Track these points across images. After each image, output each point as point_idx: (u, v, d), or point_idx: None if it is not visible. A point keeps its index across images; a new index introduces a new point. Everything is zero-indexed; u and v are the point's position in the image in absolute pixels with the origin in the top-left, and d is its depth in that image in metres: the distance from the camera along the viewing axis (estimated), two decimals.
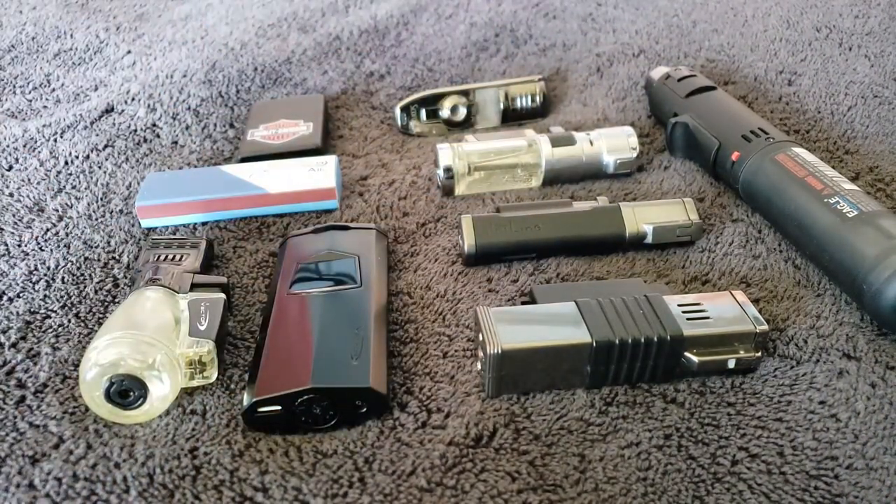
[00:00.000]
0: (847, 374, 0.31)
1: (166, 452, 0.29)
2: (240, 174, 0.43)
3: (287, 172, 0.43)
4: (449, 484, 0.28)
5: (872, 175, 0.42)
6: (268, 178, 0.42)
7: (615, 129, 0.44)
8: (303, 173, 0.42)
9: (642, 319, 0.31)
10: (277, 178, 0.42)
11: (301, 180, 0.42)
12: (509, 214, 0.39)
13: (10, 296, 0.37)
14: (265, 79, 0.55)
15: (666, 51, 0.55)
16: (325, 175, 0.42)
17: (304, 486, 0.28)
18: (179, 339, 0.31)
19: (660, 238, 0.38)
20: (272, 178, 0.42)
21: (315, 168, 0.43)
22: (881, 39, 0.53)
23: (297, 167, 0.43)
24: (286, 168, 0.43)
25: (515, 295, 0.36)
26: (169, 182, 0.43)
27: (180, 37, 0.61)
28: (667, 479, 0.28)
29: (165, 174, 0.44)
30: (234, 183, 0.42)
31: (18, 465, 0.29)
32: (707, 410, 0.30)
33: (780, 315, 0.34)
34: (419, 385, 0.32)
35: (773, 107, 0.48)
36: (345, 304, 0.34)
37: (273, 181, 0.42)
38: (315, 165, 0.43)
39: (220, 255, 0.40)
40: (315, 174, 0.42)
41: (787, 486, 0.27)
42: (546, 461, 0.29)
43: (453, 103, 0.49)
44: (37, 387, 0.33)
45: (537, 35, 0.59)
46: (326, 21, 0.62)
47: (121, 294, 0.37)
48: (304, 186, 0.42)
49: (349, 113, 0.52)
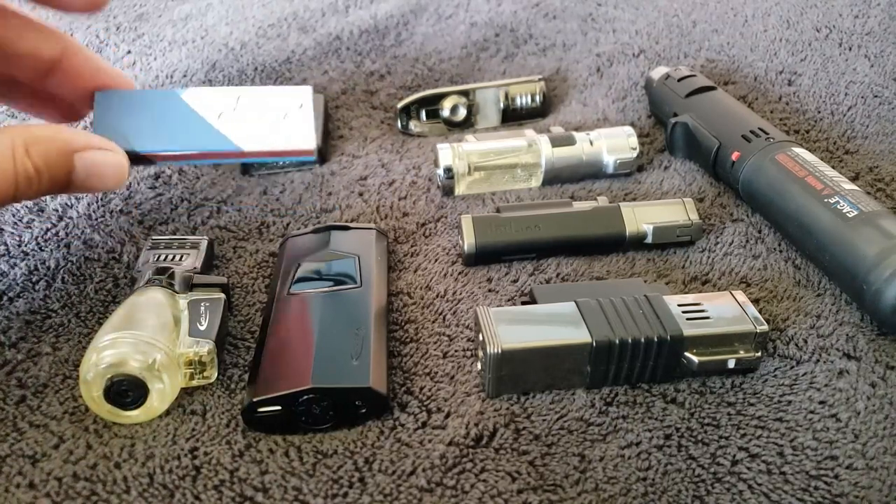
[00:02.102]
0: (847, 374, 0.31)
1: (166, 452, 0.29)
2: (209, 117, 0.37)
3: (261, 126, 0.37)
4: (449, 484, 0.28)
5: (872, 175, 0.42)
6: (240, 131, 0.37)
7: (615, 129, 0.44)
8: (278, 127, 0.38)
9: (642, 319, 0.31)
10: (251, 133, 0.37)
11: (278, 139, 0.37)
12: (509, 214, 0.39)
13: (10, 296, 0.37)
14: (265, 79, 0.55)
15: (666, 51, 0.55)
16: (302, 133, 0.38)
17: (305, 486, 0.28)
18: (179, 339, 0.31)
19: (660, 238, 0.38)
20: (245, 131, 0.37)
21: (291, 117, 0.38)
22: (881, 39, 0.53)
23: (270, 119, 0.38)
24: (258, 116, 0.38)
25: (515, 295, 0.36)
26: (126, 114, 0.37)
27: (180, 37, 0.61)
28: (667, 479, 0.28)
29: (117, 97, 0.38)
30: (205, 134, 0.37)
31: (18, 466, 0.29)
32: (707, 410, 0.30)
33: (780, 315, 0.34)
34: (419, 385, 0.32)
35: (773, 107, 0.48)
36: (345, 304, 0.34)
37: (246, 137, 0.37)
38: (290, 113, 0.38)
39: (220, 255, 0.40)
40: (292, 128, 0.38)
41: (787, 485, 0.27)
42: (546, 461, 0.29)
43: (453, 103, 0.49)
44: (37, 387, 0.33)
45: (537, 35, 0.59)
46: (326, 21, 0.62)
47: (121, 294, 0.37)
48: (280, 146, 0.37)
49: (349, 113, 0.52)
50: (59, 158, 0.32)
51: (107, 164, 0.33)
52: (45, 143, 0.32)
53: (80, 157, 0.33)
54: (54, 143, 0.32)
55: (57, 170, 0.32)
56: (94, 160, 0.33)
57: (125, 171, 0.34)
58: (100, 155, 0.33)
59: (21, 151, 0.31)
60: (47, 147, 0.32)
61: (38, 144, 0.31)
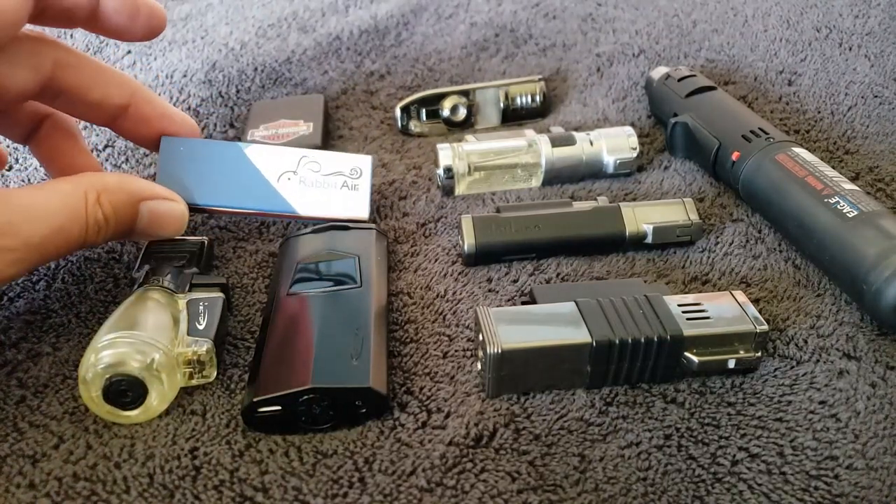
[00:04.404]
0: (847, 374, 0.31)
1: (166, 452, 0.29)
2: (269, 177, 0.39)
3: (320, 192, 0.39)
4: (449, 484, 0.28)
5: (872, 175, 0.42)
6: (298, 194, 0.38)
7: (615, 129, 0.44)
8: (335, 194, 0.39)
9: (642, 319, 0.31)
10: (309, 199, 0.39)
11: (334, 206, 0.39)
12: (509, 214, 0.39)
13: (10, 296, 0.37)
14: (265, 79, 0.55)
15: (666, 51, 0.55)
16: (357, 201, 0.39)
17: (304, 486, 0.28)
18: (178, 338, 0.31)
19: (660, 238, 0.38)
20: (303, 195, 0.39)
21: (349, 185, 0.39)
22: (881, 39, 0.53)
23: (330, 184, 0.39)
24: (318, 181, 0.39)
25: (515, 295, 0.36)
26: (189, 164, 0.38)
27: (180, 37, 0.61)
28: (667, 479, 0.28)
29: (182, 145, 0.38)
30: (265, 194, 0.38)
31: (18, 466, 0.29)
32: (707, 410, 0.30)
33: (780, 315, 0.34)
34: (419, 385, 0.32)
35: (773, 107, 0.48)
36: (345, 304, 0.34)
37: (304, 201, 0.38)
38: (349, 180, 0.39)
39: (220, 255, 0.40)
40: (348, 196, 0.39)
41: (787, 486, 0.27)
42: (546, 461, 0.29)
43: (453, 103, 0.49)
44: (37, 387, 0.33)
45: (537, 35, 0.59)
46: (326, 21, 0.62)
47: (121, 294, 0.37)
48: (335, 214, 0.39)
49: (349, 113, 0.52)
50: (126, 207, 0.33)
51: (169, 214, 0.35)
52: (116, 191, 0.33)
53: (145, 205, 0.34)
54: (123, 192, 0.33)
55: (123, 218, 0.33)
56: (158, 210, 0.35)
57: (185, 220, 0.36)
58: (164, 205, 0.35)
59: (93, 199, 0.32)
60: (117, 196, 0.33)
61: (110, 193, 0.32)
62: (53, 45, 0.34)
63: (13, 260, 0.29)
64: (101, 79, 0.36)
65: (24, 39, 0.33)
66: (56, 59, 0.34)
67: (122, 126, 0.37)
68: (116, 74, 0.36)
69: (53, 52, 0.34)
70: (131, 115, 0.37)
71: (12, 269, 0.30)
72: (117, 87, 0.36)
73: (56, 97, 0.35)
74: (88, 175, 0.33)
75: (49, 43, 0.34)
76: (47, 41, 0.34)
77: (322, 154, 0.40)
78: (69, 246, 0.31)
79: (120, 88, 0.36)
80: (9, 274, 0.30)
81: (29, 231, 0.30)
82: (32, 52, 0.33)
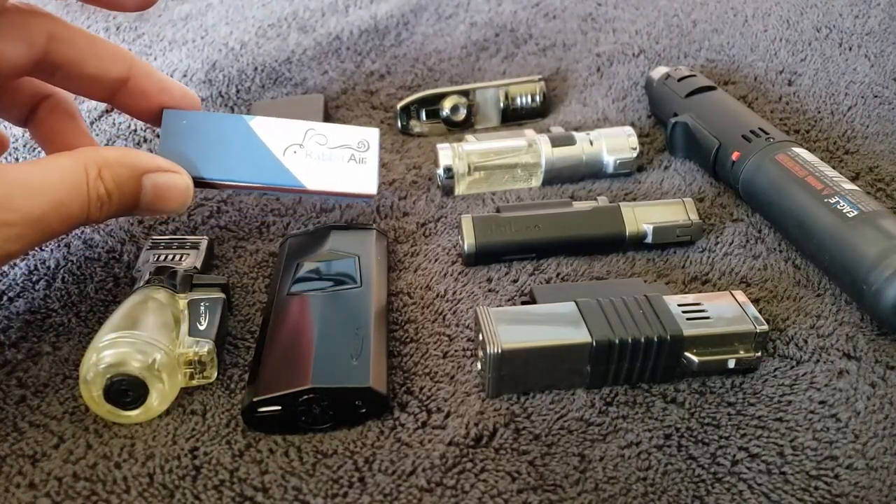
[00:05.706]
0: (847, 374, 0.31)
1: (166, 452, 0.29)
2: (275, 150, 0.37)
3: (327, 166, 0.38)
4: (449, 484, 0.28)
5: (872, 175, 0.42)
6: (305, 168, 0.37)
7: (615, 129, 0.44)
8: (343, 167, 0.38)
9: (642, 319, 0.31)
10: (316, 172, 0.37)
11: (341, 180, 0.38)
12: (509, 214, 0.39)
13: (10, 295, 0.37)
14: (265, 79, 0.55)
15: (666, 51, 0.55)
16: (366, 175, 0.38)
17: (304, 486, 0.28)
18: (179, 338, 0.31)
19: (660, 238, 0.38)
20: (310, 168, 0.37)
21: (356, 159, 0.38)
22: (881, 39, 0.53)
23: (337, 157, 0.38)
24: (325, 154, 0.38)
25: (515, 295, 0.36)
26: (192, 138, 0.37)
27: (180, 37, 0.61)
28: (667, 479, 0.28)
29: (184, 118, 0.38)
30: (271, 168, 0.37)
31: (18, 465, 0.29)
32: (707, 410, 0.30)
33: (780, 315, 0.34)
34: (419, 385, 0.32)
35: (773, 107, 0.48)
36: (345, 304, 0.34)
37: (312, 175, 0.37)
38: (356, 153, 0.38)
39: (220, 255, 0.40)
40: (356, 170, 0.38)
41: (787, 486, 0.27)
42: (546, 461, 0.29)
43: (453, 103, 0.49)
44: (37, 386, 0.33)
45: (537, 35, 0.59)
46: (326, 21, 0.62)
47: (121, 294, 0.37)
48: (343, 188, 0.38)
49: (349, 113, 0.52)
50: (128, 181, 0.32)
51: (173, 186, 0.34)
52: (116, 165, 0.32)
53: (147, 178, 0.33)
54: (124, 166, 0.32)
55: (126, 192, 0.32)
56: (161, 182, 0.34)
57: (190, 194, 0.35)
58: (167, 177, 0.34)
59: (94, 174, 0.31)
60: (118, 170, 0.32)
61: (110, 167, 0.32)
62: (47, 18, 0.33)
63: (14, 235, 0.29)
64: (97, 52, 0.35)
65: (14, 12, 0.32)
66: (50, 32, 0.33)
67: (121, 100, 0.36)
68: (112, 47, 0.36)
69: (47, 25, 0.33)
70: (130, 88, 0.36)
71: (14, 245, 0.29)
72: (113, 60, 0.35)
73: (52, 73, 0.34)
74: (87, 150, 0.32)
75: (42, 15, 0.33)
76: (40, 14, 0.33)
77: (328, 127, 0.39)
78: (70, 222, 0.31)
79: (116, 61, 0.35)
80: (11, 250, 0.29)
81: (28, 206, 0.29)
82: (25, 25, 0.33)
